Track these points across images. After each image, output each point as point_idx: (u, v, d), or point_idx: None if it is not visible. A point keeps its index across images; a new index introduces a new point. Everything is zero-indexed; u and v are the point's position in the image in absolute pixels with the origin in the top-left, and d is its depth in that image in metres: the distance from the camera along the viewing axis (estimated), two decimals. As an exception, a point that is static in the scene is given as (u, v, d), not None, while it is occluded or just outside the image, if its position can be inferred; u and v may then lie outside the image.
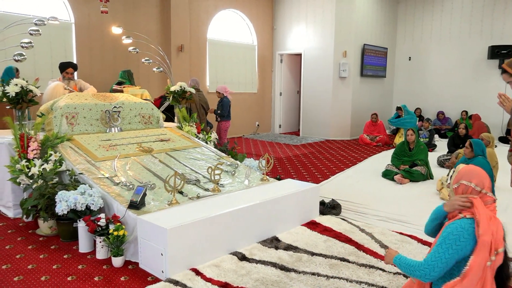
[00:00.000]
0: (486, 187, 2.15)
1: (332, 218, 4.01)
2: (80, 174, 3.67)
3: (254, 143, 9.60)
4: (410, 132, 5.87)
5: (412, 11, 11.57)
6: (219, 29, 10.17)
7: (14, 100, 4.00)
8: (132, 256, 3.12)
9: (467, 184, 2.16)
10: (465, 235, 2.02)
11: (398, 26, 11.90)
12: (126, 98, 5.13)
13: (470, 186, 2.15)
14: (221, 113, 7.36)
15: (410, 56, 11.74)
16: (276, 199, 3.58)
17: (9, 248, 3.31)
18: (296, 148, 8.77)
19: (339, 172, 6.30)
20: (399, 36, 11.93)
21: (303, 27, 10.73)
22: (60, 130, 4.33)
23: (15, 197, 4.02)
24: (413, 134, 5.85)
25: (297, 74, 11.78)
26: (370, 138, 9.43)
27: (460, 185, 2.20)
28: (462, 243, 2.01)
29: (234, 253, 3.15)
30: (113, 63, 7.89)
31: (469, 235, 2.02)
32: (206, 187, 3.83)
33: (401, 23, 11.84)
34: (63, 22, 7.16)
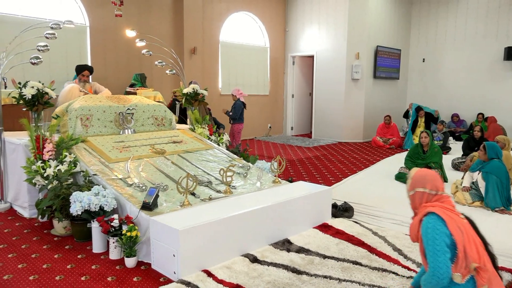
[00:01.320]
0: (440, 188, 2.25)
1: (345, 221, 3.99)
2: (94, 175, 3.71)
3: (266, 145, 9.60)
4: (424, 134, 5.80)
5: (426, 12, 11.45)
6: (232, 32, 10.21)
7: (30, 102, 4.07)
8: (144, 257, 3.14)
9: (422, 191, 2.25)
10: (437, 222, 2.11)
11: (412, 28, 11.78)
12: (140, 100, 5.18)
13: (425, 192, 2.24)
14: (232, 116, 7.38)
15: (424, 57, 11.61)
16: (288, 201, 3.57)
17: (24, 247, 3.37)
18: (308, 150, 8.74)
19: (352, 174, 6.26)
20: (413, 37, 11.81)
21: (315, 28, 10.70)
22: (74, 131, 4.40)
23: (31, 198, 4.08)
24: (427, 137, 5.78)
25: (309, 76, 11.75)
26: (383, 141, 9.35)
27: (416, 192, 2.28)
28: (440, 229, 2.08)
29: (245, 255, 3.15)
30: (127, 65, 7.98)
31: (439, 220, 2.11)
32: (218, 189, 3.84)
33: (415, 24, 11.72)
34: (78, 26, 7.27)
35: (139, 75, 7.49)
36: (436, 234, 2.07)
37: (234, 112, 7.39)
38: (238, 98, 7.46)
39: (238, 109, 7.37)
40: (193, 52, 8.94)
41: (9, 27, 6.44)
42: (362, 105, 10.28)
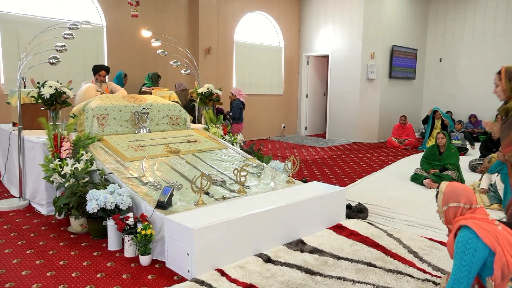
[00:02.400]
0: (474, 201, 2.21)
1: (359, 222, 3.96)
2: (110, 173, 3.76)
3: (280, 145, 9.58)
4: (441, 135, 5.71)
5: (444, 11, 11.28)
6: (246, 32, 10.22)
7: (48, 101, 4.14)
8: (159, 255, 3.17)
9: (456, 206, 2.21)
10: (468, 236, 2.05)
11: (428, 27, 11.62)
12: (155, 99, 5.23)
13: (460, 206, 2.20)
14: (232, 116, 7.40)
15: (441, 57, 11.44)
16: (301, 202, 3.56)
17: (42, 244, 3.43)
18: (322, 151, 8.70)
19: (366, 175, 6.21)
20: (429, 37, 11.65)
21: (330, 28, 10.65)
22: (91, 130, 4.46)
23: (49, 195, 4.16)
24: (444, 138, 5.68)
25: (323, 76, 11.70)
26: (399, 141, 9.24)
27: (449, 208, 2.24)
28: (471, 244, 2.04)
29: (259, 255, 3.15)
30: (142, 65, 8.06)
31: (471, 233, 2.05)
32: (232, 189, 3.85)
33: (432, 23, 11.56)
34: (95, 26, 7.37)
35: (151, 74, 7.56)
36: (466, 249, 2.03)
37: (233, 111, 7.42)
38: (237, 97, 7.47)
39: (237, 108, 7.39)
40: (208, 52, 8.97)
41: (29, 28, 6.57)
42: (377, 105, 10.18)
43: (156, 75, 7.58)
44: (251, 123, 10.25)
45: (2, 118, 6.20)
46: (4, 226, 3.84)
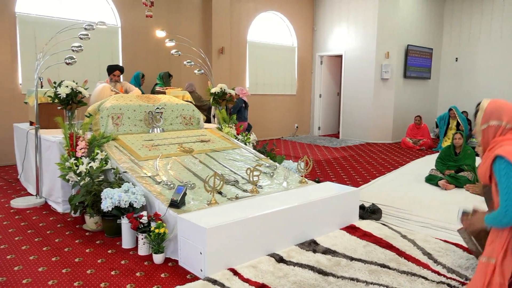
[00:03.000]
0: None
1: (372, 223, 3.92)
2: (124, 172, 3.80)
3: (292, 145, 9.56)
4: (458, 135, 5.61)
5: (459, 11, 11.11)
6: (259, 31, 10.23)
7: (64, 101, 4.20)
8: (172, 254, 3.19)
9: (497, 124, 2.00)
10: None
11: (444, 26, 11.46)
12: (168, 99, 5.26)
13: (501, 125, 1.99)
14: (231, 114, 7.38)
15: (457, 56, 11.27)
16: (314, 202, 3.54)
17: (58, 241, 3.49)
18: (335, 151, 8.65)
19: (380, 176, 6.15)
20: (445, 36, 11.49)
21: (344, 28, 10.58)
22: (106, 130, 4.51)
23: (64, 193, 4.22)
24: (461, 138, 5.58)
25: (337, 75, 11.63)
26: (413, 142, 9.14)
27: (490, 126, 2.02)
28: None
29: (271, 254, 3.15)
30: (156, 65, 8.13)
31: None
32: (244, 188, 3.86)
33: (448, 22, 11.39)
34: (110, 27, 7.46)
35: (162, 74, 7.60)
36: (510, 171, 1.88)
37: (232, 110, 7.43)
38: (240, 96, 7.45)
39: (236, 107, 7.37)
40: (221, 52, 9.00)
41: (46, 28, 6.69)
42: (391, 105, 10.09)
43: (167, 75, 7.63)
44: (264, 123, 10.25)
45: (20, 118, 6.32)
46: (21, 224, 3.92)
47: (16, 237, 3.56)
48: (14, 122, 5.94)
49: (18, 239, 3.52)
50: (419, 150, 8.90)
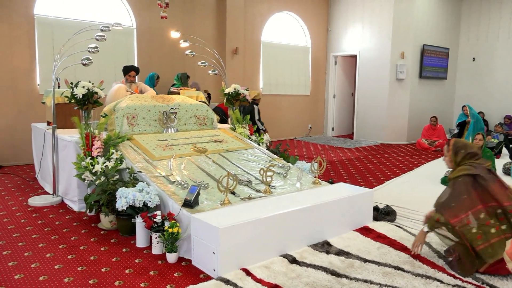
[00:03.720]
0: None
1: (387, 225, 3.88)
2: (139, 172, 3.84)
3: (306, 145, 9.52)
4: (479, 136, 5.48)
5: (477, 9, 10.91)
6: (273, 32, 10.22)
7: (81, 101, 4.26)
8: (185, 253, 3.21)
9: None
10: None
11: (461, 25, 11.27)
12: (182, 100, 5.30)
13: None
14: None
15: (474, 56, 11.08)
16: (328, 203, 3.52)
17: (74, 239, 3.54)
18: (349, 152, 8.59)
19: (395, 177, 6.09)
20: (462, 35, 11.30)
21: (359, 27, 10.50)
22: (121, 130, 4.56)
23: (80, 192, 4.28)
24: (481, 140, 5.46)
25: (351, 76, 11.55)
26: (429, 143, 9.02)
27: None
28: None
29: (284, 255, 3.14)
30: (171, 66, 8.19)
31: None
32: (257, 189, 3.86)
33: (465, 21, 11.21)
34: (126, 28, 7.55)
35: (180, 74, 7.65)
36: None
37: None
38: None
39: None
40: (235, 53, 9.02)
41: (63, 30, 6.80)
42: (406, 106, 9.97)
43: (185, 76, 7.68)
44: (278, 124, 10.24)
45: (37, 118, 6.44)
46: (38, 222, 3.99)
47: (33, 235, 3.63)
48: (32, 122, 6.05)
49: (35, 237, 3.58)
50: (434, 151, 8.78)
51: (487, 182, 2.88)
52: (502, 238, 2.76)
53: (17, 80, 6.64)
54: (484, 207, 2.82)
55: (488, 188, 2.86)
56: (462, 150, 3.08)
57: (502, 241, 2.75)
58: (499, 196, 2.83)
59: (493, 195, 2.84)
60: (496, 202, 2.83)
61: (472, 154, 3.05)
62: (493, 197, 2.83)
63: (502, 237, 2.76)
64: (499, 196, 2.83)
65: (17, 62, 6.61)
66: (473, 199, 2.85)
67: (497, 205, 2.82)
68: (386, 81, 9.95)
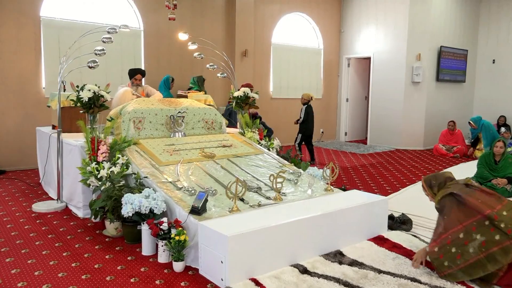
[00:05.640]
0: None
1: (402, 234, 3.84)
2: (145, 177, 3.85)
3: (318, 151, 9.49)
4: (500, 143, 5.41)
5: (496, 10, 10.81)
6: (284, 33, 10.23)
7: (87, 105, 4.30)
8: (192, 262, 3.20)
9: None
10: None
11: (480, 26, 11.17)
12: (190, 103, 5.32)
13: None
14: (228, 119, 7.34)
15: (494, 58, 10.96)
16: (340, 211, 3.50)
17: (78, 247, 3.56)
18: (363, 158, 8.53)
19: (411, 184, 6.03)
20: (481, 36, 11.19)
21: (372, 29, 10.47)
22: (127, 134, 4.59)
23: (85, 198, 4.31)
24: (502, 147, 5.38)
25: (365, 79, 11.50)
26: (446, 149, 8.92)
27: None
28: None
29: (295, 265, 3.12)
30: (179, 69, 8.24)
31: None
32: (267, 195, 3.85)
33: (484, 22, 11.10)
34: (133, 30, 7.62)
35: (197, 78, 7.67)
36: None
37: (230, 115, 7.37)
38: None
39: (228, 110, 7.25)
40: (245, 55, 9.05)
41: (70, 32, 6.89)
42: (423, 110, 9.89)
43: (202, 79, 7.68)
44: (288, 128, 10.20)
45: (43, 121, 6.51)
46: (42, 228, 4.02)
47: (36, 242, 3.66)
48: (37, 125, 6.12)
49: (39, 244, 3.61)
50: (452, 157, 8.68)
51: (463, 197, 2.98)
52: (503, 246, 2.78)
53: (22, 83, 6.73)
54: (464, 226, 2.90)
55: (466, 202, 2.96)
56: (433, 181, 3.25)
57: (504, 249, 2.77)
58: (479, 207, 2.90)
59: (473, 208, 2.92)
60: (479, 214, 2.89)
61: (445, 180, 3.19)
62: (474, 210, 2.91)
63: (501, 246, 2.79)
64: (479, 207, 2.90)
65: (22, 64, 6.71)
66: (452, 219, 2.96)
67: (481, 217, 2.88)
68: (402, 84, 9.88)
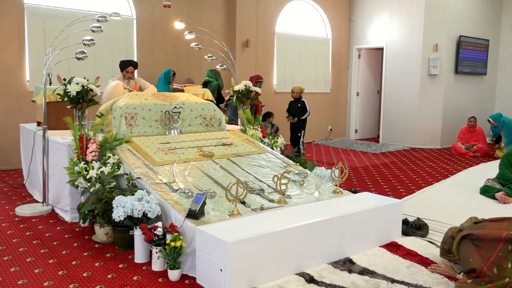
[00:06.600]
0: None
1: (417, 240, 3.85)
2: (138, 178, 3.86)
3: (326, 149, 9.49)
4: None
5: (522, -5, 10.79)
6: (289, 22, 10.23)
7: (74, 99, 4.30)
8: (189, 270, 3.21)
9: None
10: None
11: (502, 14, 11.15)
12: (187, 98, 5.32)
13: None
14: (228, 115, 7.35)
15: (519, 49, 10.96)
16: (350, 215, 3.50)
17: (65, 253, 3.57)
18: (374, 157, 8.54)
19: (427, 186, 6.03)
20: (504, 25, 11.17)
21: (385, 17, 10.46)
22: (119, 131, 4.60)
23: (73, 200, 4.32)
24: None
25: (377, 71, 11.50)
26: (466, 147, 8.91)
27: None
28: None
29: (300, 273, 3.13)
30: (175, 60, 8.25)
31: None
32: (271, 198, 3.85)
33: (507, 9, 11.07)
34: (125, 18, 7.62)
35: (213, 71, 7.63)
36: None
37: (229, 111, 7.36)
38: None
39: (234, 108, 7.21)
40: (246, 45, 9.05)
41: (56, 21, 6.89)
42: (440, 105, 9.88)
43: (218, 72, 7.65)
44: (294, 125, 10.21)
45: (27, 118, 6.52)
46: (26, 233, 4.03)
47: (20, 248, 3.67)
48: (21, 122, 6.14)
49: (23, 250, 3.62)
50: (472, 157, 8.67)
51: (475, 234, 3.01)
52: None
53: (4, 76, 6.75)
54: (492, 263, 2.89)
55: (480, 237, 2.98)
56: (445, 246, 3.28)
57: None
58: (494, 234, 2.93)
59: (490, 238, 2.94)
60: (498, 241, 2.90)
61: (451, 235, 3.25)
62: (492, 240, 2.93)
63: None
64: (495, 234, 2.93)
65: (4, 56, 6.73)
66: (477, 261, 2.96)
67: (503, 244, 2.88)
68: (417, 77, 9.87)
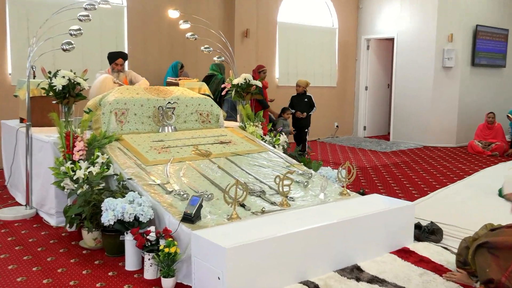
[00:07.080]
0: None
1: (431, 246, 3.85)
2: (129, 179, 3.86)
3: (332, 148, 9.50)
4: None
5: (544, -19, 10.77)
6: (292, 10, 10.24)
7: (60, 94, 4.30)
8: (184, 278, 3.21)
9: None
10: None
11: (523, 1, 11.15)
12: (182, 92, 5.32)
13: None
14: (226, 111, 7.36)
15: (540, 39, 10.95)
16: (358, 219, 3.50)
17: (50, 260, 3.57)
18: (384, 156, 8.54)
19: (441, 187, 6.04)
20: (525, 14, 11.17)
21: (396, 5, 10.46)
22: (108, 128, 4.60)
23: (58, 203, 4.31)
24: None
25: (387, 63, 11.50)
26: (483, 146, 8.91)
27: None
28: None
29: (305, 282, 3.13)
30: (170, 52, 8.25)
31: None
32: (272, 200, 3.85)
33: (528, -3, 11.07)
34: (115, 6, 7.61)
35: (218, 65, 7.61)
36: None
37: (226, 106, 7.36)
38: None
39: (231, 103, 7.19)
40: (246, 36, 9.05)
41: (40, 9, 6.88)
42: (455, 100, 9.89)
43: (222, 66, 7.64)
44: (297, 122, 10.22)
45: (8, 114, 6.50)
46: (8, 238, 4.03)
47: (2, 255, 3.67)
48: (2, 118, 6.13)
49: (4, 257, 3.62)
50: (490, 156, 8.68)
51: (491, 242, 3.05)
52: None
53: (-15, 69, 6.75)
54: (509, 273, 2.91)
55: (497, 245, 3.02)
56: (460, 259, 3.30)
57: None
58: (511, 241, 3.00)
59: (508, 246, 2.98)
60: None
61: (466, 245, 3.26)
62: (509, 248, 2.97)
63: None
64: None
65: (-15, 47, 6.72)
66: (495, 270, 2.97)
67: None
68: (431, 70, 9.88)
